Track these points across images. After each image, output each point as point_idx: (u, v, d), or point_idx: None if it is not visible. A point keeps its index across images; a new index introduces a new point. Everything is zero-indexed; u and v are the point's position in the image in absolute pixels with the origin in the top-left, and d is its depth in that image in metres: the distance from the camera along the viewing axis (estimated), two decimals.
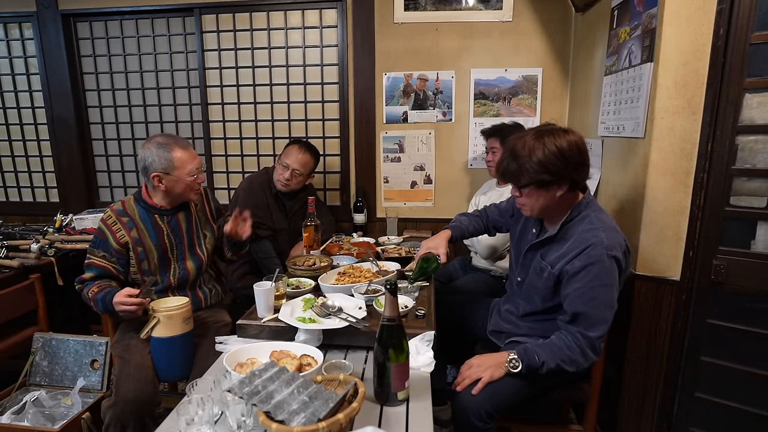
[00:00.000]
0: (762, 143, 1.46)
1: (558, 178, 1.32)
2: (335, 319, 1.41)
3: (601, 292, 1.32)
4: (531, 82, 2.61)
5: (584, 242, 1.33)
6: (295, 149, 2.33)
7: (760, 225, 1.50)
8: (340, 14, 2.66)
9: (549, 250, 1.44)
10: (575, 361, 1.35)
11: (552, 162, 1.29)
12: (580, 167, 1.34)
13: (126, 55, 2.91)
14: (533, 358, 1.37)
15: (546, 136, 1.32)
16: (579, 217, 1.39)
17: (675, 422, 1.71)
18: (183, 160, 1.65)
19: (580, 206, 1.40)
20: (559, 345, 1.36)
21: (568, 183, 1.34)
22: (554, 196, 1.35)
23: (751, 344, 1.53)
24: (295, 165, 2.30)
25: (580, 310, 1.34)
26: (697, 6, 1.48)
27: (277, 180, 2.35)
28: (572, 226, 1.39)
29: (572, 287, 1.34)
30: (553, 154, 1.29)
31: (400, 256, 2.07)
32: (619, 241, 1.34)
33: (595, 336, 1.34)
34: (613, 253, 1.30)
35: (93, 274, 1.65)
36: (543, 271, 1.44)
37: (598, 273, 1.30)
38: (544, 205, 1.39)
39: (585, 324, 1.34)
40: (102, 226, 1.67)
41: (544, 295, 1.46)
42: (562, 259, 1.37)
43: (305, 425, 0.87)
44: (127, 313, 1.54)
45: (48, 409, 1.72)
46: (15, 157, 3.14)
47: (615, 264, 1.32)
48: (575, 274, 1.33)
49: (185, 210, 1.78)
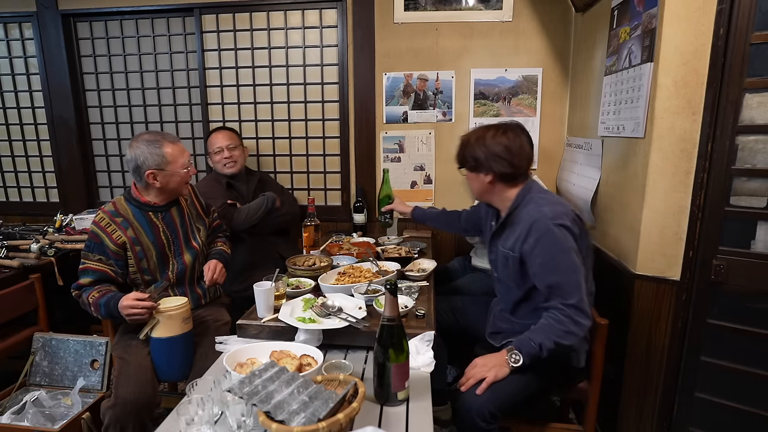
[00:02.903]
0: (762, 143, 1.46)
1: (480, 165, 1.52)
2: (335, 319, 1.41)
3: (561, 259, 1.39)
4: (531, 82, 2.61)
5: (530, 219, 1.45)
6: (213, 135, 2.43)
7: (760, 225, 1.50)
8: (340, 14, 2.66)
9: (506, 238, 1.56)
10: (570, 332, 1.37)
11: (476, 151, 1.52)
12: (500, 160, 1.50)
13: (126, 55, 2.90)
14: (529, 344, 1.38)
15: (487, 131, 1.53)
16: (524, 202, 1.52)
17: (675, 422, 1.71)
18: (174, 154, 1.66)
19: (523, 192, 1.53)
20: (548, 323, 1.39)
21: (491, 173, 1.51)
22: (484, 182, 1.54)
23: (751, 344, 1.53)
24: (224, 142, 2.38)
25: (550, 281, 1.41)
26: (697, 6, 1.48)
27: (223, 166, 2.39)
28: (519, 211, 1.52)
29: (535, 263, 1.43)
30: (479, 145, 1.52)
31: (400, 256, 2.07)
32: (565, 211, 1.45)
33: (575, 302, 1.37)
34: (558, 221, 1.40)
35: (90, 278, 1.63)
36: (507, 258, 1.54)
37: (552, 242, 1.40)
38: (479, 188, 1.59)
39: (560, 293, 1.39)
40: (95, 229, 1.66)
41: (517, 281, 1.54)
42: (518, 241, 1.48)
43: (305, 425, 0.87)
44: (136, 317, 1.52)
45: (48, 409, 1.72)
46: (15, 157, 3.13)
47: (566, 231, 1.41)
48: (532, 251, 1.43)
49: (177, 205, 1.79)
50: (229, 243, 2.03)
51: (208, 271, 1.79)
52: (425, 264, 1.99)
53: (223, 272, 1.84)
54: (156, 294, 1.56)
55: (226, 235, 2.06)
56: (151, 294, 1.54)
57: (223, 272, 1.84)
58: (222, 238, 2.03)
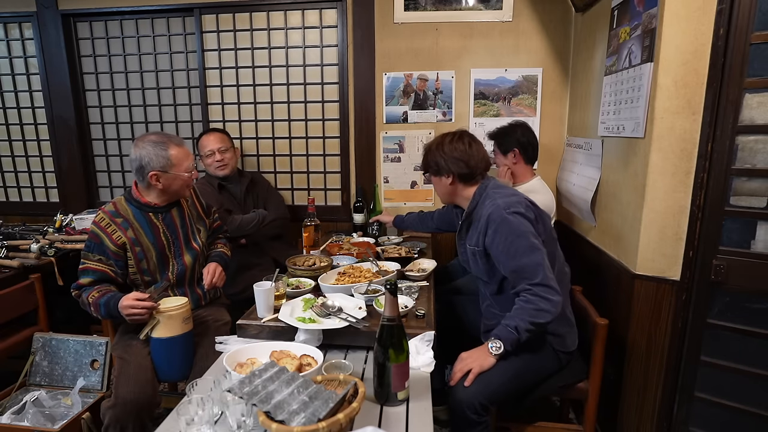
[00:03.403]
0: (762, 143, 1.46)
1: (441, 169, 1.63)
2: (335, 319, 1.41)
3: (519, 243, 1.45)
4: (531, 82, 2.61)
5: (486, 214, 1.53)
6: (204, 137, 2.43)
7: (760, 225, 1.50)
8: (340, 14, 2.66)
9: (471, 235, 1.63)
10: (541, 309, 1.40)
11: (437, 157, 1.63)
12: (458, 161, 1.60)
13: (126, 55, 2.90)
14: (505, 330, 1.42)
15: (444, 138, 1.66)
16: (482, 199, 1.60)
17: (675, 422, 1.71)
18: (179, 157, 1.66)
19: (480, 190, 1.62)
20: (520, 306, 1.43)
21: (451, 174, 1.61)
22: (446, 184, 1.64)
23: (751, 344, 1.53)
24: (215, 145, 2.38)
25: (512, 266, 1.46)
26: (697, 6, 1.48)
27: (215, 168, 2.39)
28: (479, 209, 1.60)
29: (497, 252, 1.50)
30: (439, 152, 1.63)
31: (400, 256, 2.07)
32: (518, 200, 1.53)
33: (539, 280, 1.41)
34: (511, 209, 1.48)
35: (90, 278, 1.62)
36: (474, 254, 1.60)
37: (508, 229, 1.47)
38: (444, 191, 1.68)
39: (525, 275, 1.43)
40: (95, 229, 1.65)
41: (488, 274, 1.60)
42: (480, 235, 1.55)
43: (305, 425, 0.87)
44: (136, 316, 1.52)
45: (48, 409, 1.72)
46: (15, 157, 3.13)
47: (520, 217, 1.47)
48: (493, 242, 1.50)
49: (178, 206, 1.78)
50: (229, 245, 2.03)
51: (207, 275, 1.78)
52: (425, 264, 1.99)
53: (222, 276, 1.84)
54: (156, 294, 1.56)
55: (226, 237, 2.06)
56: (151, 294, 1.54)
57: (222, 276, 1.84)
58: (222, 239, 2.02)
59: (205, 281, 1.78)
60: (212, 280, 1.78)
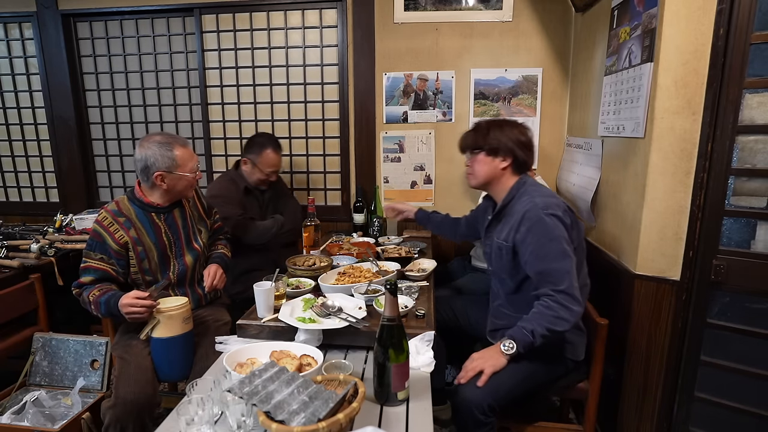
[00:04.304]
0: (762, 143, 1.46)
1: (501, 149, 1.57)
2: (335, 319, 1.41)
3: (551, 247, 1.42)
4: (531, 82, 2.61)
5: (522, 210, 1.50)
6: (271, 154, 2.34)
7: (760, 225, 1.50)
8: (340, 14, 2.66)
9: (500, 229, 1.59)
10: (561, 318, 1.38)
11: (501, 136, 1.57)
12: (525, 147, 1.58)
13: (126, 55, 2.90)
14: (521, 332, 1.39)
15: (505, 121, 1.63)
16: (518, 194, 1.57)
17: (675, 422, 1.71)
18: (185, 158, 1.66)
19: (518, 185, 1.59)
20: (539, 311, 1.41)
21: (512, 158, 1.57)
22: (497, 166, 1.59)
23: (751, 344, 1.53)
24: (277, 166, 2.40)
25: (539, 268, 1.43)
26: (697, 6, 1.48)
27: (257, 180, 2.37)
28: (515, 203, 1.56)
29: (526, 251, 1.47)
30: (504, 131, 1.58)
31: (400, 256, 2.07)
32: (556, 202, 1.49)
33: (564, 287, 1.39)
34: (549, 211, 1.44)
35: (92, 277, 1.63)
36: (501, 249, 1.56)
37: (542, 230, 1.43)
38: (489, 173, 1.61)
39: (550, 280, 1.41)
40: (98, 228, 1.65)
41: (510, 272, 1.56)
42: (512, 231, 1.52)
43: (305, 425, 0.87)
44: (136, 315, 1.51)
45: (48, 409, 1.72)
46: (15, 157, 3.13)
47: (556, 220, 1.44)
48: (524, 240, 1.47)
49: (180, 207, 1.78)
50: (229, 246, 2.03)
51: (207, 277, 1.78)
52: (425, 264, 1.99)
53: (223, 278, 1.83)
54: (156, 293, 1.56)
55: (227, 238, 2.06)
56: (151, 293, 1.54)
57: (223, 278, 1.83)
58: (223, 240, 2.02)
59: (206, 283, 1.78)
60: (213, 282, 1.77)
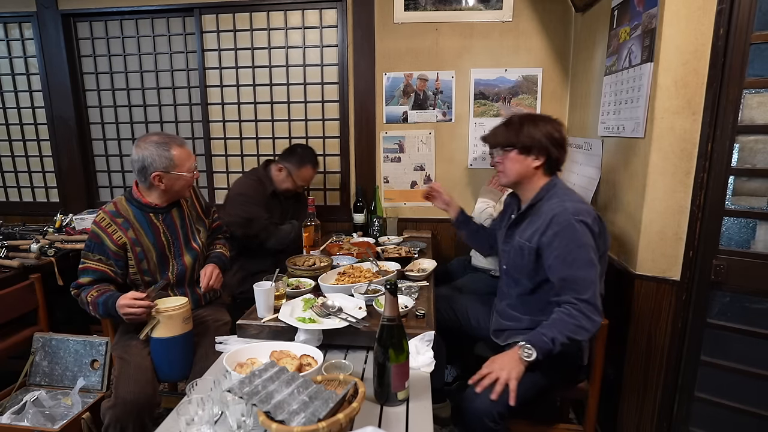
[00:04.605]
0: (762, 143, 1.46)
1: (534, 147, 1.51)
2: (335, 319, 1.41)
3: (578, 254, 1.39)
4: (531, 82, 2.61)
5: (551, 212, 1.46)
6: (310, 171, 2.42)
7: (760, 225, 1.50)
8: (340, 14, 2.66)
9: (525, 229, 1.56)
10: (583, 327, 1.36)
11: (536, 132, 1.51)
12: (558, 145, 1.53)
13: (126, 55, 2.90)
14: (541, 339, 1.36)
15: (537, 117, 1.56)
16: (548, 195, 1.53)
17: (675, 422, 1.71)
18: (182, 158, 1.66)
19: (549, 186, 1.55)
20: (560, 318, 1.38)
21: (545, 157, 1.52)
22: (529, 166, 1.53)
23: (751, 344, 1.53)
24: (308, 183, 2.51)
25: (564, 274, 1.41)
26: (697, 6, 1.48)
27: (286, 188, 2.40)
28: (543, 204, 1.52)
29: (552, 255, 1.43)
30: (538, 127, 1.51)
31: (400, 256, 2.07)
32: (587, 209, 1.46)
33: (588, 297, 1.37)
34: (580, 217, 1.41)
35: (90, 278, 1.63)
36: (523, 248, 1.53)
37: (571, 236, 1.40)
38: (520, 171, 1.55)
39: (574, 288, 1.38)
40: (96, 229, 1.65)
41: (529, 273, 1.54)
42: (537, 232, 1.48)
43: (305, 425, 0.87)
44: (133, 316, 1.52)
45: (48, 409, 1.72)
46: (15, 157, 3.13)
47: (585, 227, 1.41)
48: (551, 244, 1.43)
49: (178, 207, 1.78)
50: (228, 245, 2.03)
51: (203, 277, 1.77)
52: (425, 264, 1.99)
53: (219, 278, 1.81)
54: (153, 293, 1.56)
55: (225, 237, 2.06)
56: (149, 293, 1.54)
57: (219, 278, 1.81)
58: (222, 239, 2.02)
59: (202, 283, 1.76)
60: (209, 282, 1.76)
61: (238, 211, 2.28)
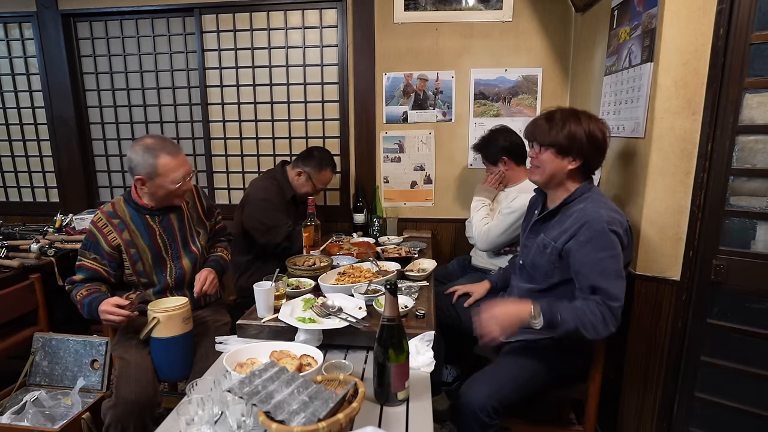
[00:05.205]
0: (762, 143, 1.46)
1: (572, 149, 1.44)
2: (335, 319, 1.41)
3: (609, 264, 1.37)
4: (531, 82, 2.61)
5: (585, 217, 1.41)
6: (329, 174, 2.43)
7: (760, 225, 1.50)
8: (340, 14, 2.66)
9: (551, 228, 1.51)
10: (595, 328, 1.34)
11: (578, 133, 1.43)
12: (598, 149, 1.48)
13: (126, 55, 2.91)
14: (556, 315, 1.34)
15: (582, 115, 1.47)
16: (581, 197, 1.48)
17: (675, 422, 1.71)
18: (168, 167, 1.61)
19: (583, 188, 1.49)
20: (582, 309, 1.35)
21: (581, 160, 1.46)
22: (564, 166, 1.47)
23: (751, 344, 1.53)
24: (327, 185, 2.49)
25: (595, 282, 1.37)
26: (697, 6, 1.48)
27: (305, 192, 2.40)
28: (574, 205, 1.47)
29: (579, 261, 1.40)
30: (583, 129, 1.44)
31: (400, 256, 2.07)
32: (620, 219, 1.42)
33: (616, 306, 1.35)
34: (613, 227, 1.38)
35: (83, 276, 1.64)
36: (546, 247, 1.49)
37: (604, 245, 1.37)
38: (553, 171, 1.49)
39: (605, 295, 1.36)
40: (92, 228, 1.66)
41: (547, 272, 1.51)
42: (565, 234, 1.44)
43: (305, 425, 0.87)
44: (110, 322, 1.53)
45: (48, 409, 1.72)
46: (15, 157, 3.14)
47: (616, 238, 1.38)
48: (581, 249, 1.39)
49: (177, 209, 1.77)
50: (230, 248, 2.01)
51: (198, 282, 1.73)
52: (425, 264, 1.99)
53: (214, 283, 1.78)
54: (136, 302, 1.58)
55: (228, 239, 2.05)
56: (132, 301, 1.55)
57: (214, 283, 1.78)
58: (224, 242, 2.00)
59: (195, 288, 1.73)
60: (202, 287, 1.73)
61: (261, 218, 2.28)
